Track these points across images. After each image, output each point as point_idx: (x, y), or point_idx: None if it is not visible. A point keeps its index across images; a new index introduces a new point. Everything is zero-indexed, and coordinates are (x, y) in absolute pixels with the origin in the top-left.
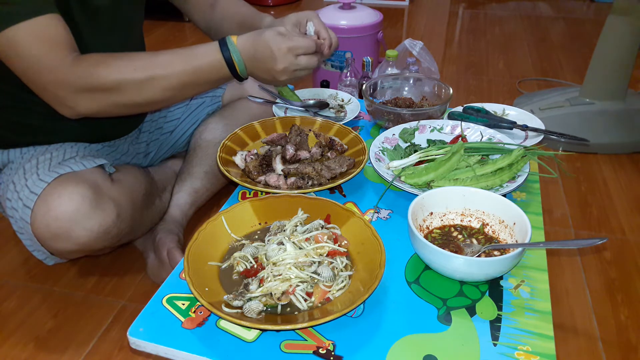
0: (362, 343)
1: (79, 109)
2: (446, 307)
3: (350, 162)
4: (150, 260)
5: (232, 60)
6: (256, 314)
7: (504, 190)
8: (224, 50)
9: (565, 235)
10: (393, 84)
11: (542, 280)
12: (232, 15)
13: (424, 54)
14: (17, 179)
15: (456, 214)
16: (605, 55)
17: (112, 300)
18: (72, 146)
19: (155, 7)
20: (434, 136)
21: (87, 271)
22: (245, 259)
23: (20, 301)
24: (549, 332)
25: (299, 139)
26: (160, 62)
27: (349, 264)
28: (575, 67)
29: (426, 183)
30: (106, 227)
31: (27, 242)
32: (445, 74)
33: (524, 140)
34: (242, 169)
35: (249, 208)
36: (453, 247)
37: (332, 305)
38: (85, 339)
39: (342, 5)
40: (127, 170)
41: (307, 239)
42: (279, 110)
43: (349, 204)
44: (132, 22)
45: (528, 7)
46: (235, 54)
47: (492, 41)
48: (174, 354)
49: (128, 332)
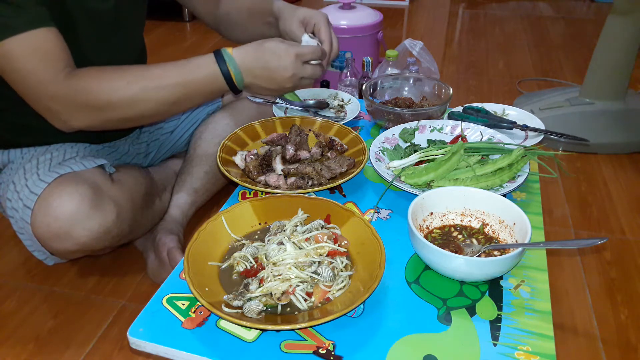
0: (362, 343)
1: (72, 123)
2: (446, 307)
3: (350, 162)
4: (150, 260)
5: (229, 71)
6: (256, 314)
7: (504, 190)
8: (219, 61)
9: (565, 235)
10: (393, 84)
11: (542, 280)
12: (239, 3)
13: (424, 54)
14: (18, 179)
15: (456, 214)
16: (605, 55)
17: (112, 300)
18: (72, 146)
19: (155, 7)
20: (434, 136)
21: (87, 271)
22: (245, 259)
23: (20, 301)
24: (549, 332)
25: (299, 139)
26: (153, 76)
27: (349, 264)
28: (575, 67)
29: (426, 183)
30: (106, 227)
31: (27, 242)
32: (445, 74)
33: (524, 140)
34: (242, 169)
35: (249, 208)
36: (453, 247)
37: (332, 305)
38: (85, 339)
39: (342, 5)
40: (127, 171)
41: (307, 239)
42: (279, 110)
43: (349, 204)
44: (134, 26)
45: (528, 7)
46: (231, 65)
47: (492, 41)
48: (174, 354)
49: (128, 332)
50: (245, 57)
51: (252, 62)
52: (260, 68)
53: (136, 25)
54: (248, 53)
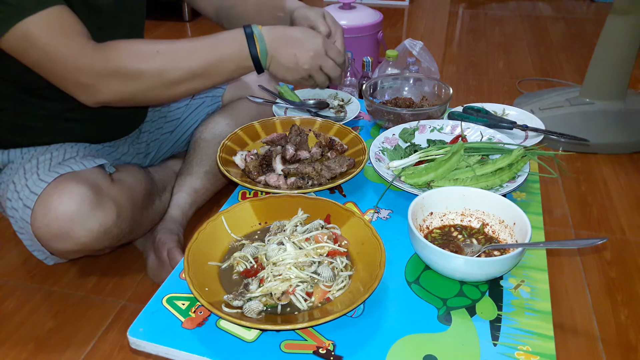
0: (362, 343)
1: (102, 95)
2: (446, 307)
3: (350, 162)
4: (150, 260)
5: (255, 42)
6: (256, 314)
7: (504, 190)
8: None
9: (565, 235)
10: (393, 84)
11: (542, 280)
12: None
13: (424, 54)
14: (18, 179)
15: (456, 214)
16: (605, 55)
17: (112, 300)
18: (72, 146)
19: (155, 7)
20: (434, 136)
21: (87, 271)
22: (245, 259)
23: (20, 301)
24: (549, 332)
25: (299, 139)
26: (183, 46)
27: (349, 264)
28: (575, 67)
29: (426, 183)
30: (106, 227)
31: (27, 242)
32: (445, 74)
33: (524, 140)
34: (242, 169)
35: (249, 208)
36: (453, 247)
37: (332, 305)
38: (85, 339)
39: (342, 5)
40: (127, 170)
41: (307, 239)
42: (279, 110)
43: (349, 204)
44: (135, 21)
45: (528, 7)
46: (258, 36)
47: (492, 41)
48: (174, 354)
49: (128, 332)
50: (274, 29)
51: (277, 34)
52: (285, 41)
53: (137, 21)
54: (277, 28)
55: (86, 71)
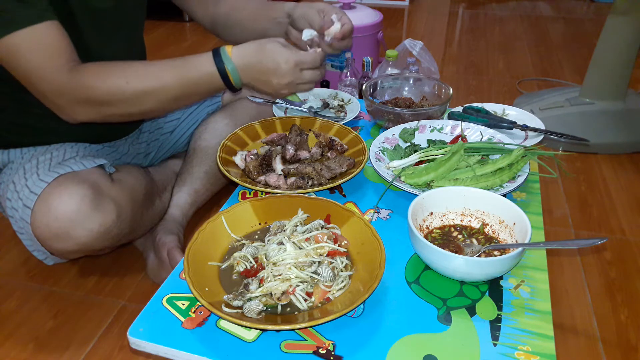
0: (362, 343)
1: (77, 117)
2: (446, 307)
3: (350, 162)
4: (150, 260)
5: (226, 71)
6: (256, 314)
7: (504, 190)
8: (217, 61)
9: (565, 235)
10: (393, 84)
11: (542, 280)
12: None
13: (424, 54)
14: (17, 179)
15: (456, 214)
16: (605, 55)
17: (112, 300)
18: (72, 146)
19: (155, 7)
20: (434, 136)
21: (87, 271)
22: (245, 259)
23: (20, 301)
24: (549, 332)
25: (299, 139)
26: (153, 74)
27: (349, 264)
28: (575, 67)
29: (426, 183)
30: (106, 227)
31: (27, 242)
32: (445, 74)
33: (524, 140)
34: (242, 169)
35: (249, 208)
36: (453, 247)
37: (332, 305)
38: (85, 339)
39: (342, 5)
40: (127, 170)
41: (307, 239)
42: (279, 110)
43: (349, 204)
44: (135, 24)
45: (528, 7)
46: (228, 65)
47: (492, 41)
48: (174, 354)
49: (128, 332)
50: (244, 57)
51: (250, 64)
52: (258, 72)
53: (137, 25)
54: (247, 54)
55: (60, 95)
